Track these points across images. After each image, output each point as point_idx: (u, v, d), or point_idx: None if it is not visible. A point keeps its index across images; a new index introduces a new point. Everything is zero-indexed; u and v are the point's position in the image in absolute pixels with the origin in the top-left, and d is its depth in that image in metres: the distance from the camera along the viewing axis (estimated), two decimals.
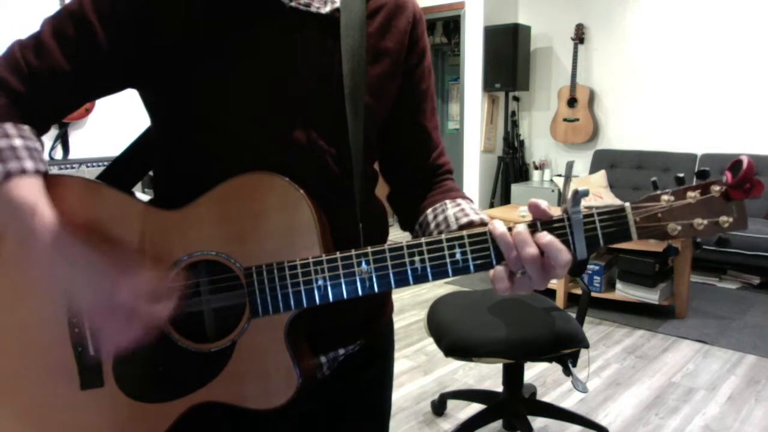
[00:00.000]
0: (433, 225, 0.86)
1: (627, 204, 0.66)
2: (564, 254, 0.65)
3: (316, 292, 0.70)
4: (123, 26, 0.71)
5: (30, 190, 0.68)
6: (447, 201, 0.88)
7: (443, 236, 0.69)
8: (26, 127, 0.72)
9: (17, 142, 0.69)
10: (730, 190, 0.64)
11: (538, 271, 0.66)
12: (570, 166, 0.68)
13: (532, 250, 0.66)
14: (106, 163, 0.89)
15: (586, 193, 0.64)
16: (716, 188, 0.65)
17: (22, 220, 0.67)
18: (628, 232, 0.66)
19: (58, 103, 0.75)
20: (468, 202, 0.88)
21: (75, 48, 0.71)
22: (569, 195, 0.66)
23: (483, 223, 0.82)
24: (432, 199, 0.90)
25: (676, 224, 0.65)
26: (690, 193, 0.65)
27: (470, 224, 0.82)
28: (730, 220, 0.64)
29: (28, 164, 0.69)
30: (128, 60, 0.73)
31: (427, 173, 0.92)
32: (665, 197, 0.66)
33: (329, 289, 0.70)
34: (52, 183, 0.72)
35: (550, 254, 0.66)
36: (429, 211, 0.88)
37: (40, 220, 0.67)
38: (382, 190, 0.91)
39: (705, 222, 0.65)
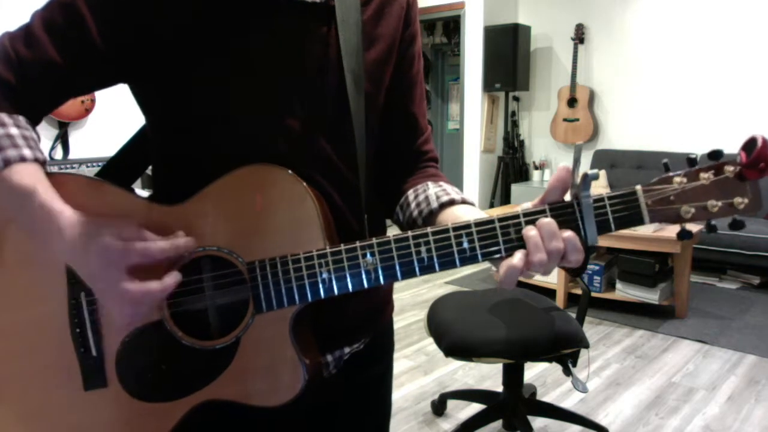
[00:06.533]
0: (413, 205, 0.85)
1: (638, 187, 0.64)
2: (579, 254, 0.64)
3: (320, 285, 0.69)
4: (116, 18, 0.70)
5: (29, 176, 0.68)
6: (429, 182, 0.87)
7: (449, 225, 0.67)
8: (21, 117, 0.71)
9: (13, 130, 0.69)
10: (744, 170, 0.61)
11: (553, 265, 0.65)
12: (579, 149, 0.66)
13: (558, 245, 0.64)
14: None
15: (596, 176, 0.62)
16: (730, 168, 0.62)
17: (22, 205, 0.67)
18: (640, 216, 0.64)
19: (50, 95, 0.74)
20: (451, 186, 0.86)
21: (65, 38, 0.70)
22: (578, 179, 0.64)
23: (464, 202, 0.81)
24: (414, 181, 0.88)
25: (689, 206, 0.63)
26: (703, 174, 0.63)
27: (451, 202, 0.81)
28: (745, 201, 0.62)
29: (27, 152, 0.69)
30: (122, 52, 0.72)
31: (411, 159, 0.91)
32: (677, 179, 0.63)
33: (334, 282, 0.69)
34: (51, 181, 0.71)
35: (567, 251, 0.64)
36: (410, 192, 0.87)
37: (40, 202, 0.67)
38: None
39: (719, 204, 0.63)
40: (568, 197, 0.67)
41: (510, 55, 5.03)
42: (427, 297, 3.99)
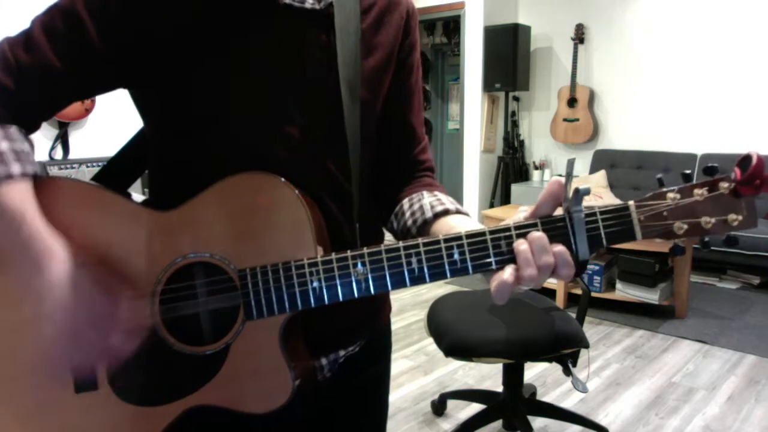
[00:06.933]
0: (408, 214, 0.85)
1: (631, 202, 0.64)
2: (570, 269, 0.64)
3: (310, 293, 0.69)
4: (116, 21, 0.71)
5: (17, 197, 0.68)
6: (424, 191, 0.87)
7: (441, 237, 0.67)
8: (13, 128, 0.71)
9: (3, 145, 0.68)
10: (739, 187, 0.61)
11: (543, 278, 0.65)
12: (571, 163, 0.65)
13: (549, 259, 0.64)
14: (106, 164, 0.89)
15: (587, 192, 0.62)
16: (725, 185, 0.62)
17: (9, 228, 0.67)
18: (632, 232, 0.63)
19: (49, 100, 0.74)
20: (446, 196, 0.87)
21: (65, 43, 0.71)
22: (570, 193, 0.64)
23: (459, 212, 0.81)
24: (409, 190, 0.88)
25: (682, 223, 0.62)
26: (697, 191, 0.62)
27: (445, 212, 0.81)
28: (739, 218, 0.61)
29: (15, 168, 0.68)
30: (122, 52, 0.72)
31: (408, 168, 0.91)
32: (671, 195, 0.63)
33: (324, 290, 0.69)
34: (43, 186, 0.71)
35: (557, 265, 0.64)
36: (405, 200, 0.87)
37: (28, 230, 0.67)
38: None
39: (713, 220, 0.62)
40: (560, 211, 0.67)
41: (510, 55, 5.02)
42: (427, 297, 3.99)
